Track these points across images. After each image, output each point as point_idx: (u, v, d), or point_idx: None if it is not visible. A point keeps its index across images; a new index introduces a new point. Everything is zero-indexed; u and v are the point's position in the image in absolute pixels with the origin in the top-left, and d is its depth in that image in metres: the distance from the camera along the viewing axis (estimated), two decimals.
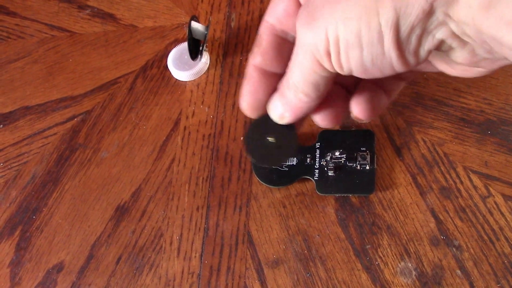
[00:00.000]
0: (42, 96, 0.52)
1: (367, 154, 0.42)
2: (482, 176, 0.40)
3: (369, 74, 0.29)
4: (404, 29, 0.26)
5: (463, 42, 0.26)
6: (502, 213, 0.39)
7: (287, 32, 0.31)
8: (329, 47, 0.27)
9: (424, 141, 0.43)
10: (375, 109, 0.33)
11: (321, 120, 0.33)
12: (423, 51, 0.27)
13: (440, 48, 0.27)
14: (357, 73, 0.29)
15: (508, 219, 0.39)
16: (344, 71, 0.29)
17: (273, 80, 0.32)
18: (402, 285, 0.38)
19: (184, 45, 0.50)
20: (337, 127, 0.44)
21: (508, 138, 0.42)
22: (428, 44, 0.27)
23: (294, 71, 0.31)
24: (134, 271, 0.42)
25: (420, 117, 0.44)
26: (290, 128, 0.35)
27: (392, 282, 0.38)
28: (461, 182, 0.40)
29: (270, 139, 0.37)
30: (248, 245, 0.41)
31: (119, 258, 0.42)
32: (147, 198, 0.45)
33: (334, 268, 0.39)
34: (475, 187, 0.40)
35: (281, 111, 0.33)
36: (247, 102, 0.33)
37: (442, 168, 0.41)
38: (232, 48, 0.51)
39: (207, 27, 0.48)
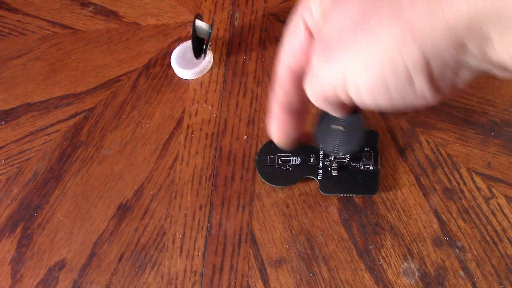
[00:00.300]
0: (44, 93, 0.52)
1: (371, 154, 0.42)
2: (485, 177, 0.41)
3: (396, 107, 0.27)
4: (436, 66, 0.23)
5: (503, 69, 0.24)
6: (505, 215, 0.39)
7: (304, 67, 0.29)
8: (348, 88, 0.26)
9: (428, 142, 0.43)
10: None
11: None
12: (461, 81, 0.25)
13: (479, 73, 0.25)
14: (382, 107, 0.27)
15: (511, 220, 0.39)
16: (367, 105, 0.27)
17: (301, 118, 0.32)
18: (405, 286, 0.38)
19: (188, 43, 0.50)
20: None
21: (511, 139, 0.42)
22: (467, 75, 0.24)
23: (312, 99, 0.29)
24: (137, 269, 0.42)
25: (424, 118, 0.44)
26: (356, 115, 0.34)
27: (395, 283, 0.38)
28: (465, 183, 0.41)
29: (339, 127, 0.36)
30: (251, 244, 0.41)
31: (121, 256, 0.42)
32: (150, 196, 0.45)
33: (337, 268, 0.39)
34: (478, 188, 0.40)
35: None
36: (280, 140, 0.32)
37: (446, 169, 0.41)
38: (235, 47, 0.51)
39: (211, 26, 0.48)
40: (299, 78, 0.29)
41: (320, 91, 0.27)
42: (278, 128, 0.31)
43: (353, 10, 0.25)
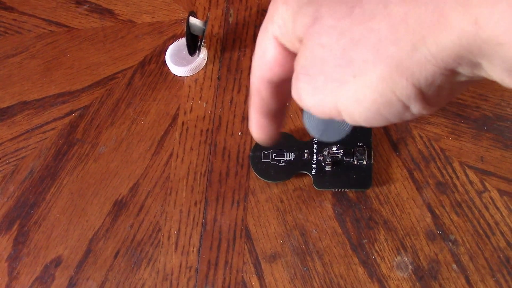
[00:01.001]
0: (40, 91, 0.52)
1: (364, 149, 0.42)
2: (478, 171, 0.41)
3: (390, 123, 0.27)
4: (431, 93, 0.23)
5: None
6: (497, 208, 0.39)
7: (279, 79, 0.29)
8: (342, 115, 0.25)
9: (421, 137, 0.43)
10: None
11: None
12: (457, 93, 0.25)
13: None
14: (380, 125, 0.27)
15: (503, 213, 0.39)
16: (358, 123, 0.26)
17: (282, 118, 0.31)
18: (398, 279, 0.38)
19: (182, 40, 0.50)
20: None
21: (504, 133, 0.42)
22: (461, 89, 0.25)
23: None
24: (132, 266, 0.42)
25: None
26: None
27: (389, 276, 0.38)
28: (457, 177, 0.41)
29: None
30: (245, 240, 0.41)
31: (117, 253, 0.43)
32: (145, 193, 0.45)
33: (331, 263, 0.39)
34: (471, 182, 0.40)
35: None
36: (262, 131, 0.31)
37: (439, 164, 0.42)
38: (230, 43, 0.51)
39: (205, 23, 0.49)
40: (274, 85, 0.29)
41: (315, 112, 0.27)
42: (257, 130, 0.31)
43: (332, 41, 0.24)
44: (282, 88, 0.30)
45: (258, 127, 0.31)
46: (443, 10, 0.20)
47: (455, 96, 0.26)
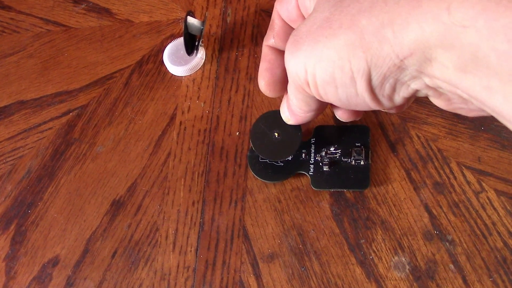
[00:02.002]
0: (37, 90, 0.52)
1: (362, 149, 0.42)
2: (475, 171, 0.41)
3: (348, 107, 0.30)
4: (376, 78, 0.26)
5: (438, 93, 0.27)
6: (494, 208, 0.39)
7: (295, 23, 0.33)
8: (307, 78, 0.29)
9: (418, 137, 0.43)
10: (356, 113, 0.35)
11: (341, 114, 0.35)
12: (398, 97, 0.28)
13: (416, 94, 0.28)
14: (336, 104, 0.30)
15: (500, 214, 0.39)
16: (324, 99, 0.30)
17: None
18: (395, 279, 0.38)
19: (180, 40, 0.50)
20: (331, 123, 0.44)
21: (501, 134, 0.42)
22: (403, 92, 0.27)
23: (288, 88, 0.33)
24: (130, 265, 0.42)
25: (415, 113, 0.44)
26: (295, 127, 0.37)
27: (386, 276, 0.38)
28: (455, 178, 0.41)
29: (276, 133, 0.39)
30: (243, 240, 0.41)
31: (115, 252, 0.43)
32: (143, 192, 0.45)
33: (328, 263, 0.39)
34: (468, 182, 0.41)
35: (287, 115, 0.35)
36: (265, 79, 0.35)
37: (436, 164, 0.42)
38: (228, 43, 0.51)
39: (203, 22, 0.49)
40: (288, 26, 0.33)
41: (291, 79, 0.31)
42: (265, 67, 0.34)
43: (327, 7, 0.27)
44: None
45: (267, 61, 0.34)
46: None
47: (394, 104, 0.28)
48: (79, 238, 0.44)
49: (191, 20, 0.48)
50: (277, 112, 0.38)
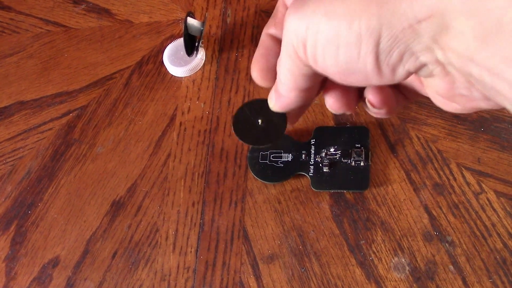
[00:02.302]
0: (37, 91, 0.52)
1: (362, 150, 0.42)
2: (475, 172, 0.41)
3: (343, 77, 0.28)
4: (386, 41, 0.24)
5: (445, 72, 0.25)
6: (494, 209, 0.39)
7: None
8: (307, 37, 0.27)
9: (418, 138, 0.43)
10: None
11: (332, 103, 0.33)
12: (402, 70, 0.26)
13: (420, 71, 0.26)
14: (331, 73, 0.28)
15: (500, 215, 0.39)
16: (319, 66, 0.28)
17: None
18: (395, 280, 0.38)
19: (180, 41, 0.50)
20: (331, 124, 0.45)
21: (501, 135, 0.42)
22: (409, 64, 0.25)
23: (279, 62, 0.31)
24: (130, 266, 0.42)
25: (414, 114, 0.44)
26: (280, 115, 0.35)
27: (386, 277, 0.38)
28: (454, 179, 0.41)
29: (259, 120, 0.38)
30: (243, 241, 0.41)
31: (115, 253, 0.43)
32: (143, 193, 0.45)
33: (328, 264, 0.39)
34: (468, 183, 0.41)
35: (274, 100, 0.33)
36: (259, 65, 0.33)
37: (436, 165, 0.42)
38: (228, 44, 0.51)
39: (203, 23, 0.49)
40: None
41: (286, 41, 0.29)
42: (261, 52, 0.33)
43: None
44: None
45: (263, 47, 0.33)
46: None
47: (394, 79, 0.26)
48: (79, 238, 0.44)
49: (191, 21, 0.48)
50: (264, 101, 0.36)
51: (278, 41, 0.33)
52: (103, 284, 0.42)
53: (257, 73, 0.33)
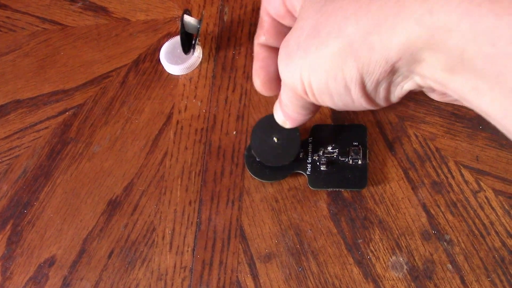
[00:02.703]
0: (33, 89, 0.52)
1: (360, 148, 0.42)
2: (473, 170, 0.41)
3: (347, 109, 0.30)
4: (370, 84, 0.26)
5: (431, 89, 0.27)
6: (492, 208, 0.39)
7: (283, 19, 0.33)
8: (305, 87, 0.29)
9: (416, 136, 0.43)
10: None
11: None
12: (393, 97, 0.28)
13: (412, 91, 0.28)
14: (335, 108, 0.30)
15: (498, 213, 0.39)
16: (319, 103, 0.30)
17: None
18: (393, 279, 0.38)
19: (177, 39, 0.50)
20: (329, 122, 0.44)
21: (499, 133, 0.41)
22: (398, 92, 0.27)
23: (283, 95, 0.33)
24: (126, 265, 0.42)
25: (412, 112, 0.44)
26: (292, 128, 0.38)
27: (384, 276, 0.38)
28: (453, 177, 0.41)
29: (275, 139, 0.40)
30: (240, 240, 0.41)
31: (111, 253, 0.42)
32: (139, 192, 0.44)
33: (326, 262, 0.39)
34: (466, 181, 0.40)
35: (282, 119, 0.35)
36: (260, 78, 0.35)
37: (434, 163, 0.41)
38: (225, 42, 0.51)
39: (200, 21, 0.48)
40: (277, 23, 0.33)
41: (287, 88, 0.31)
42: (259, 65, 0.34)
43: (312, 13, 0.27)
44: (284, 29, 0.33)
45: (260, 61, 0.34)
46: (404, 1, 0.23)
47: (392, 102, 0.29)
48: (76, 238, 0.43)
49: (187, 18, 0.48)
50: (271, 117, 0.38)
51: (272, 49, 0.35)
52: (100, 283, 0.41)
53: (261, 87, 0.35)
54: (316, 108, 0.34)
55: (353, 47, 0.25)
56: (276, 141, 0.42)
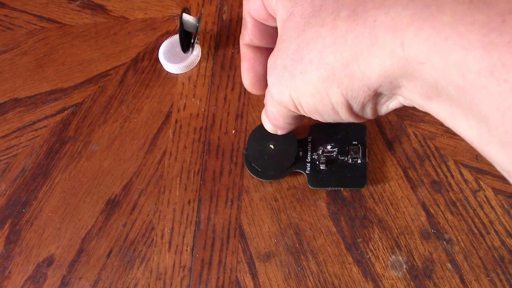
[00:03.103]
0: (31, 88, 0.51)
1: (359, 148, 0.42)
2: (473, 170, 0.41)
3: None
4: (356, 106, 0.27)
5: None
6: (492, 207, 0.39)
7: (266, 21, 0.33)
8: (296, 105, 0.30)
9: (416, 135, 0.43)
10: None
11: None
12: (381, 113, 0.29)
13: (398, 108, 0.29)
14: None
15: (498, 212, 0.39)
16: (309, 116, 0.31)
17: (265, 53, 0.34)
18: (393, 278, 0.38)
19: (176, 37, 0.50)
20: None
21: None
22: (384, 110, 0.28)
23: (272, 109, 0.33)
24: (125, 265, 0.42)
25: (412, 111, 0.44)
26: (288, 135, 0.38)
27: (383, 275, 0.38)
28: (452, 176, 0.41)
29: (271, 146, 0.40)
30: (239, 239, 0.41)
31: (110, 252, 0.42)
32: (138, 191, 0.44)
33: (325, 262, 0.39)
34: (465, 181, 0.40)
35: (272, 128, 0.36)
36: (248, 79, 0.35)
37: (433, 162, 0.41)
38: (224, 40, 0.51)
39: (198, 20, 0.48)
40: (260, 23, 0.34)
41: (278, 105, 0.32)
42: (247, 66, 0.35)
43: (293, 37, 0.28)
44: (268, 28, 0.34)
45: (248, 62, 0.35)
46: (377, 33, 0.24)
47: (382, 114, 0.29)
48: (74, 237, 0.43)
49: (186, 17, 0.48)
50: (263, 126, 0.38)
51: (257, 49, 0.35)
52: (98, 283, 0.41)
53: (250, 87, 0.36)
54: (300, 119, 0.35)
55: (335, 75, 0.26)
56: (272, 148, 0.42)
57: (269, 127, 0.36)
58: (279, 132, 0.37)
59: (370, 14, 0.24)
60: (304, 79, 0.28)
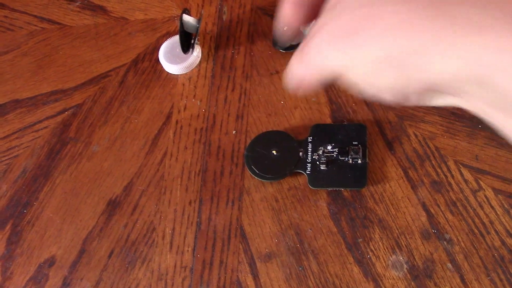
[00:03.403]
0: (32, 89, 0.52)
1: (359, 148, 0.42)
2: (473, 170, 0.41)
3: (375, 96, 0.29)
4: (402, 95, 0.26)
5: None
6: (492, 207, 0.39)
7: None
8: (346, 73, 0.28)
9: (416, 135, 0.43)
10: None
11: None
12: (427, 104, 0.27)
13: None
14: (366, 95, 0.29)
15: (498, 212, 0.39)
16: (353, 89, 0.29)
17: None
18: (393, 278, 0.38)
19: (176, 38, 0.50)
20: (329, 121, 0.44)
21: (499, 132, 0.42)
22: (433, 103, 0.27)
23: (313, 71, 0.30)
24: (127, 265, 0.42)
25: (412, 111, 0.44)
26: (290, 139, 0.37)
27: (384, 275, 0.38)
28: (452, 176, 0.41)
29: (274, 151, 0.40)
30: (240, 239, 0.41)
31: (111, 252, 0.42)
32: (139, 192, 0.44)
33: (326, 262, 0.39)
34: (466, 181, 0.40)
35: (295, 87, 0.32)
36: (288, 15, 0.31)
37: (434, 162, 0.41)
38: (224, 41, 0.51)
39: (199, 20, 0.48)
40: None
41: (321, 63, 0.29)
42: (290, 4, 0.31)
43: (357, 13, 0.26)
44: None
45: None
46: (455, 31, 0.22)
47: (426, 106, 0.28)
48: (75, 238, 0.43)
49: (186, 18, 0.48)
50: (263, 135, 0.37)
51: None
52: (100, 283, 0.41)
53: (289, 8, 0.31)
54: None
55: (395, 59, 0.24)
56: (275, 153, 0.42)
57: (293, 87, 0.33)
58: (296, 90, 0.33)
59: (451, 9, 0.22)
60: (362, 54, 0.25)
